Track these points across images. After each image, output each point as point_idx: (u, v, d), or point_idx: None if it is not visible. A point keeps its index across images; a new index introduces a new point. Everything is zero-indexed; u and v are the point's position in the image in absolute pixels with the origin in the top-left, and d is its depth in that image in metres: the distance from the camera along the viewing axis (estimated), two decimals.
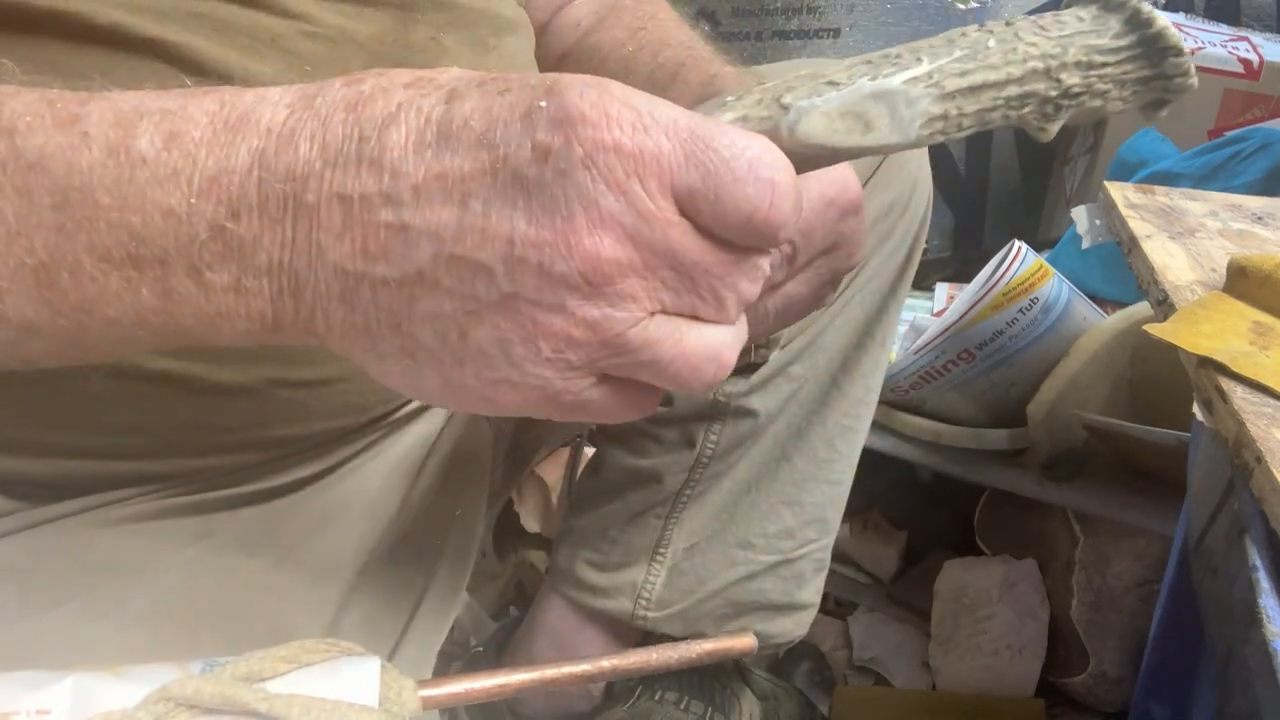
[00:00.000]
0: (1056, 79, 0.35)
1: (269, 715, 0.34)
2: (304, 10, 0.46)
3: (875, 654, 1.09)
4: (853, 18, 1.46)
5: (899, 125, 0.34)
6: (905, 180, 0.73)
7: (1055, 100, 0.36)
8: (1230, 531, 0.51)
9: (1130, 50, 0.36)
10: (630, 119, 0.30)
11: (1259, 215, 0.76)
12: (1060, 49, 0.35)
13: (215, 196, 0.31)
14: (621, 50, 0.63)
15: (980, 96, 0.35)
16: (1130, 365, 0.99)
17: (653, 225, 0.30)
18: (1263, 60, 1.32)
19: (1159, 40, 0.36)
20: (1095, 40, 0.36)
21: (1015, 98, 0.35)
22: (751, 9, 1.43)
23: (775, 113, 0.33)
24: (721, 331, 0.33)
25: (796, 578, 0.82)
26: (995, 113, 0.35)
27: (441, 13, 0.51)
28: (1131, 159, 1.21)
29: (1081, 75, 0.35)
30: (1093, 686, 0.97)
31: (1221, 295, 0.61)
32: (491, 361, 0.31)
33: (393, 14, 0.49)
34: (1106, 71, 0.36)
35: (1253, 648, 0.44)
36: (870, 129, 0.34)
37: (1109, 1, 0.37)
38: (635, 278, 0.30)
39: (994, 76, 0.35)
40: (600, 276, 0.30)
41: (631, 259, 0.30)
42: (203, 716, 0.34)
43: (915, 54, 0.35)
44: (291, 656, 0.36)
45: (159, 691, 0.34)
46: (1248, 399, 0.51)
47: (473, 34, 0.53)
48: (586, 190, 0.29)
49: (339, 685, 0.36)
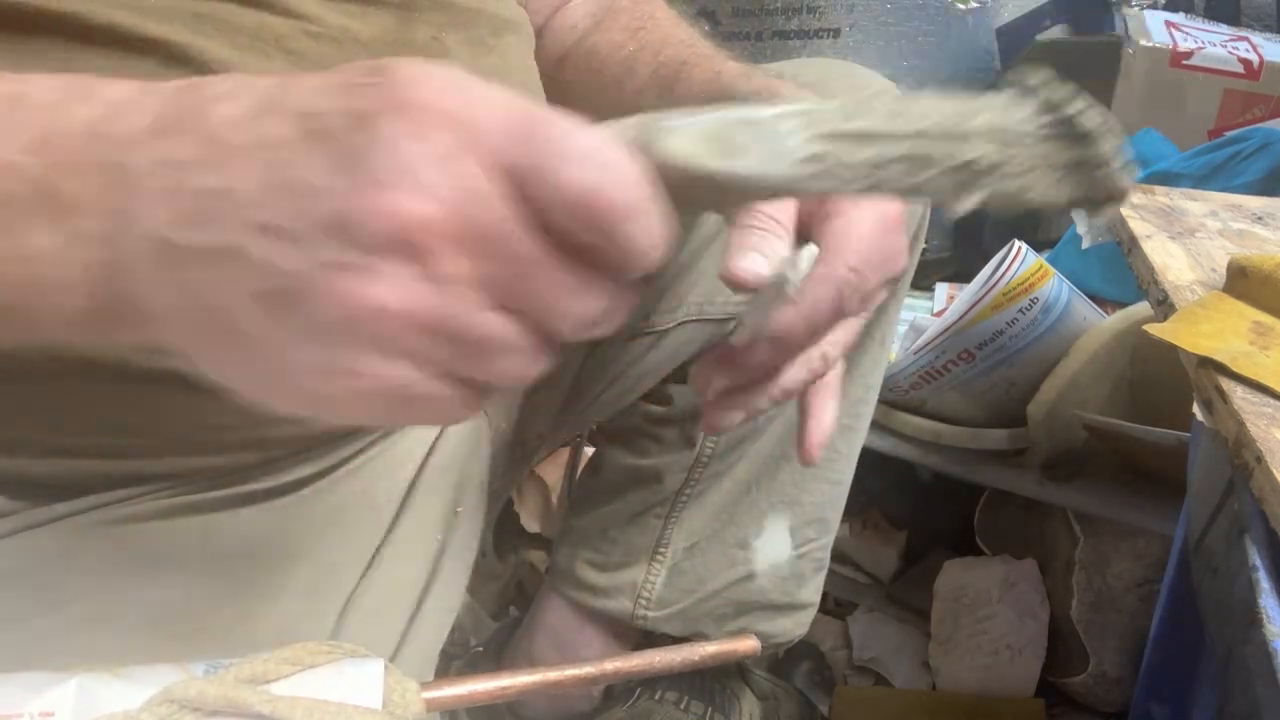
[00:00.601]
0: (960, 145, 0.33)
1: (272, 717, 0.34)
2: (307, 10, 0.47)
3: (875, 654, 1.09)
4: (853, 18, 1.46)
5: (766, 156, 0.31)
6: None
7: (961, 170, 0.33)
8: (1230, 531, 0.51)
9: (1047, 130, 0.33)
10: (464, 97, 0.28)
11: (1259, 215, 0.76)
12: (960, 119, 0.33)
13: (44, 155, 0.31)
14: (621, 51, 0.63)
15: (865, 147, 0.32)
16: (1130, 365, 0.99)
17: (481, 203, 0.27)
18: (1263, 60, 1.32)
19: (1080, 123, 0.33)
20: (1006, 120, 0.33)
21: (908, 157, 0.32)
22: (751, 9, 1.43)
23: (645, 131, 0.32)
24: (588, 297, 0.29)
25: (796, 578, 0.82)
26: (889, 170, 0.33)
27: (441, 13, 0.51)
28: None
29: (994, 149, 0.33)
30: (1093, 686, 0.97)
31: (1221, 295, 0.61)
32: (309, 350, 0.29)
33: (394, 14, 0.50)
34: (1022, 151, 0.33)
35: (1253, 648, 0.44)
36: (735, 154, 0.31)
37: (1033, 89, 0.34)
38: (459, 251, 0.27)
39: (880, 127, 0.32)
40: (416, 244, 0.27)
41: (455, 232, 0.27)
42: (206, 718, 0.34)
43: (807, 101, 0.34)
44: (295, 658, 0.36)
45: (162, 693, 0.34)
46: (1248, 399, 0.51)
47: (472, 34, 0.53)
48: (406, 155, 0.27)
49: (343, 687, 0.36)
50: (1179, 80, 1.33)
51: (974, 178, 0.33)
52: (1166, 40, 1.34)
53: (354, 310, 0.27)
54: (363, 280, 0.27)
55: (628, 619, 0.81)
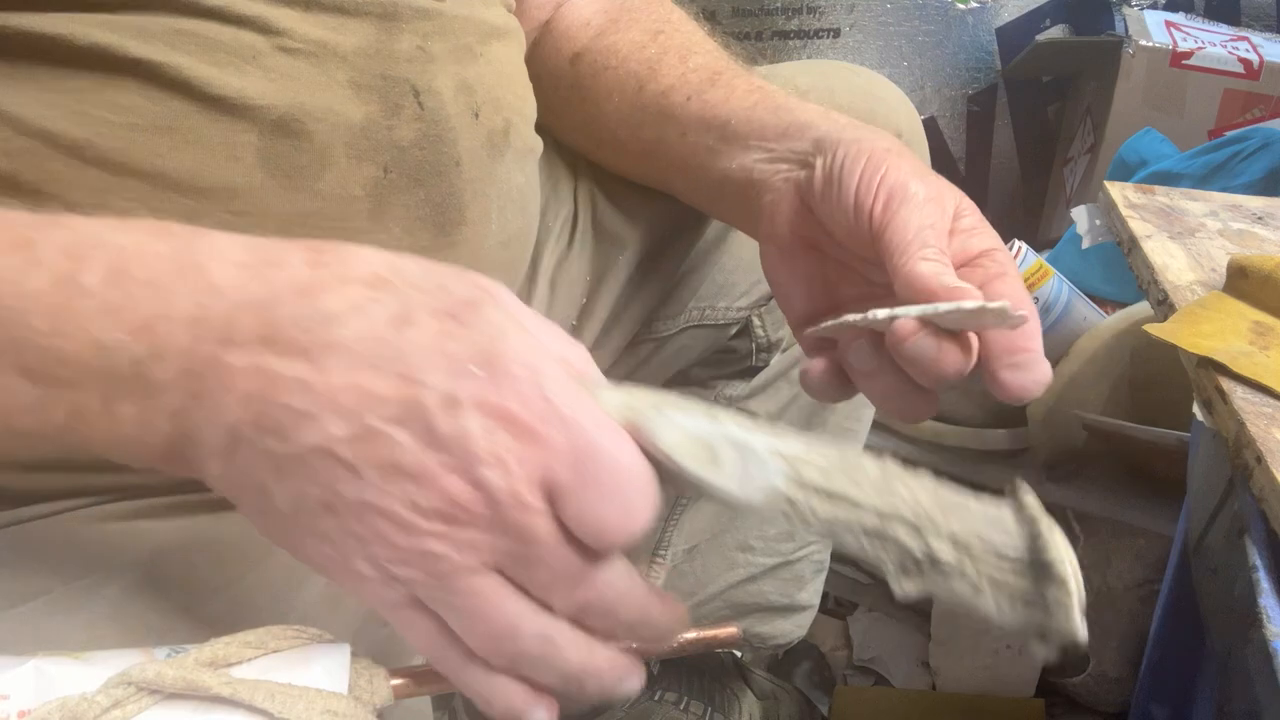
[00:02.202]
0: (924, 539, 0.33)
1: (232, 700, 0.33)
2: (285, 25, 0.46)
3: (875, 654, 1.09)
4: (853, 18, 1.46)
5: (744, 479, 0.34)
6: None
7: (917, 560, 0.34)
8: (1230, 531, 0.51)
9: (1016, 560, 0.33)
10: (542, 411, 0.32)
11: (1259, 215, 0.76)
12: (940, 516, 0.34)
13: (146, 338, 0.33)
14: (643, 52, 0.62)
15: (835, 506, 0.34)
16: (1130, 365, 0.99)
17: (517, 508, 0.33)
18: (1263, 60, 1.32)
19: (1048, 568, 0.33)
20: (982, 529, 0.34)
21: (873, 531, 0.34)
22: (751, 9, 1.43)
23: (650, 415, 0.34)
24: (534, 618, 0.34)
25: (796, 579, 0.82)
26: (850, 535, 0.34)
27: (426, 21, 0.50)
28: (1131, 159, 1.21)
29: (954, 553, 0.33)
30: (1093, 686, 0.97)
31: (1221, 295, 0.61)
32: (329, 544, 0.34)
33: (375, 24, 0.49)
34: (982, 567, 0.33)
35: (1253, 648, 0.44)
36: (716, 466, 0.34)
37: (1022, 512, 0.34)
38: (483, 534, 0.33)
39: (854, 493, 0.34)
40: (454, 519, 0.32)
41: (488, 519, 0.33)
42: (165, 702, 0.33)
43: (802, 439, 0.35)
44: (258, 642, 0.36)
45: (120, 675, 0.33)
46: (1248, 399, 0.51)
47: (459, 42, 0.52)
48: (475, 452, 0.32)
49: (308, 673, 0.35)
50: (1179, 80, 1.33)
51: (928, 570, 0.34)
52: (1166, 40, 1.34)
53: (378, 538, 0.33)
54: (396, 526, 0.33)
55: None
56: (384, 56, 0.49)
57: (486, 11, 0.55)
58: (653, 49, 0.62)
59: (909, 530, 0.34)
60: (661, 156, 0.62)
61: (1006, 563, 0.34)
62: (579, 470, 0.33)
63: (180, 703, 0.34)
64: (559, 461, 0.33)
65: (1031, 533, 0.33)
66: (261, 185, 0.46)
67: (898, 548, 0.34)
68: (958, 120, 1.55)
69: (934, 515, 0.34)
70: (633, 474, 0.33)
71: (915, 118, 0.73)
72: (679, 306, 0.72)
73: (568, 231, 0.68)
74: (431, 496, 0.32)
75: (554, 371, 0.33)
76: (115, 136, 0.43)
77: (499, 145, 0.54)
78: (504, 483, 0.32)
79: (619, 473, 0.33)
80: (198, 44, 0.44)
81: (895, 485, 0.34)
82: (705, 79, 0.60)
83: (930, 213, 0.48)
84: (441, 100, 0.50)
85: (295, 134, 0.46)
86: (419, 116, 0.49)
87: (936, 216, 0.48)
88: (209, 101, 0.44)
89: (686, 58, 0.61)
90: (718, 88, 0.59)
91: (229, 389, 0.33)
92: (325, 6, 0.47)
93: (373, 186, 0.48)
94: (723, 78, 0.60)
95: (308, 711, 0.34)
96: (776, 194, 0.54)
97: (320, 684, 0.35)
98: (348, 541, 0.33)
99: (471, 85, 0.52)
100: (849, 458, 0.35)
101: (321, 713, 0.34)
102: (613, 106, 0.63)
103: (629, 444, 0.34)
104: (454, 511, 0.32)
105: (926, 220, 0.47)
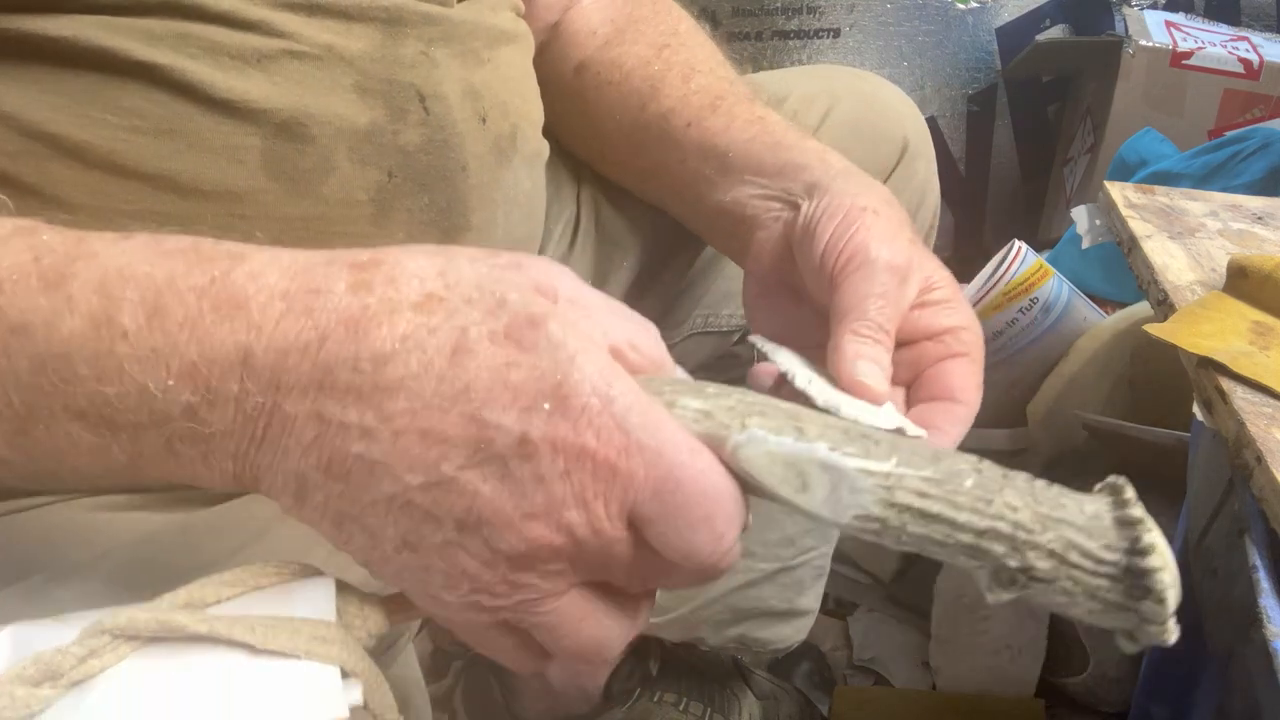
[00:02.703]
0: (1021, 554, 0.32)
1: (211, 636, 0.32)
2: (292, 29, 0.46)
3: (875, 654, 1.09)
4: (853, 18, 1.46)
5: (833, 504, 0.33)
6: (913, 193, 0.72)
7: (1013, 572, 0.33)
8: (1230, 531, 0.51)
9: (1112, 570, 0.32)
10: (620, 443, 0.31)
11: (1259, 215, 0.76)
12: (1039, 528, 0.32)
13: (193, 383, 0.32)
14: (647, 68, 0.62)
15: (931, 526, 0.33)
16: (1130, 365, 0.99)
17: (601, 540, 0.32)
18: (1263, 60, 1.32)
19: (1146, 579, 0.32)
20: (1081, 540, 0.33)
21: (968, 547, 0.33)
22: (751, 9, 1.43)
23: (733, 429, 0.33)
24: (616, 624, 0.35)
25: (796, 585, 0.82)
26: (943, 550, 0.33)
27: (431, 26, 0.50)
28: (1131, 159, 1.21)
29: (1052, 565, 0.32)
30: (1093, 686, 0.97)
31: (1221, 295, 0.61)
32: (412, 577, 0.34)
33: (380, 29, 0.49)
34: (1079, 575, 0.33)
35: (1253, 648, 0.44)
36: (805, 490, 0.33)
37: (1124, 515, 0.33)
38: (567, 565, 0.33)
39: (953, 515, 0.33)
40: (538, 558, 0.32)
41: (571, 553, 0.32)
42: (144, 648, 0.32)
43: (892, 448, 0.33)
44: (236, 580, 0.34)
45: (93, 625, 0.32)
46: (1248, 399, 0.51)
47: (465, 47, 0.52)
48: (555, 495, 0.31)
49: (291, 607, 0.34)
50: (1179, 80, 1.33)
51: (1025, 580, 0.33)
52: (1166, 40, 1.34)
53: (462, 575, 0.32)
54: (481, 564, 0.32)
55: None
56: (389, 61, 0.49)
57: (494, 16, 0.55)
58: (657, 65, 0.62)
59: (1006, 546, 0.33)
60: (661, 179, 0.61)
61: (1104, 568, 0.33)
62: (663, 501, 0.32)
63: (159, 647, 0.33)
64: (641, 494, 0.32)
65: (1131, 537, 0.33)
66: (265, 189, 0.46)
67: (992, 561, 0.33)
68: (958, 120, 1.55)
69: (1032, 528, 0.33)
70: (719, 497, 0.32)
71: (922, 125, 0.73)
72: (684, 314, 0.72)
73: (569, 234, 0.67)
74: (515, 541, 0.32)
75: (627, 394, 0.32)
76: (117, 139, 0.43)
77: (506, 150, 0.54)
78: (588, 524, 0.32)
79: (705, 499, 0.32)
80: (203, 47, 0.44)
81: (993, 499, 0.33)
82: (707, 103, 0.59)
83: (883, 281, 0.46)
84: (448, 105, 0.50)
85: (299, 138, 0.46)
86: (424, 122, 0.49)
87: (891, 285, 0.46)
88: (213, 105, 0.44)
89: (690, 77, 0.61)
90: (719, 114, 0.58)
91: (289, 435, 0.32)
92: (330, 11, 0.47)
93: (377, 191, 0.48)
94: (724, 103, 0.59)
95: (293, 640, 0.33)
96: (767, 232, 0.54)
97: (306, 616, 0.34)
98: (430, 575, 0.33)
99: (479, 90, 0.52)
100: (944, 467, 0.33)
101: (309, 639, 0.33)
102: (614, 124, 0.63)
103: (712, 463, 0.33)
104: (538, 552, 0.32)
105: (877, 288, 0.46)
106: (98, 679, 0.32)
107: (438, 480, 0.31)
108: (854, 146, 0.70)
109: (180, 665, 0.32)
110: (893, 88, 0.74)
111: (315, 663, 0.33)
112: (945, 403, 0.48)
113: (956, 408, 0.48)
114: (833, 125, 0.70)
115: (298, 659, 0.33)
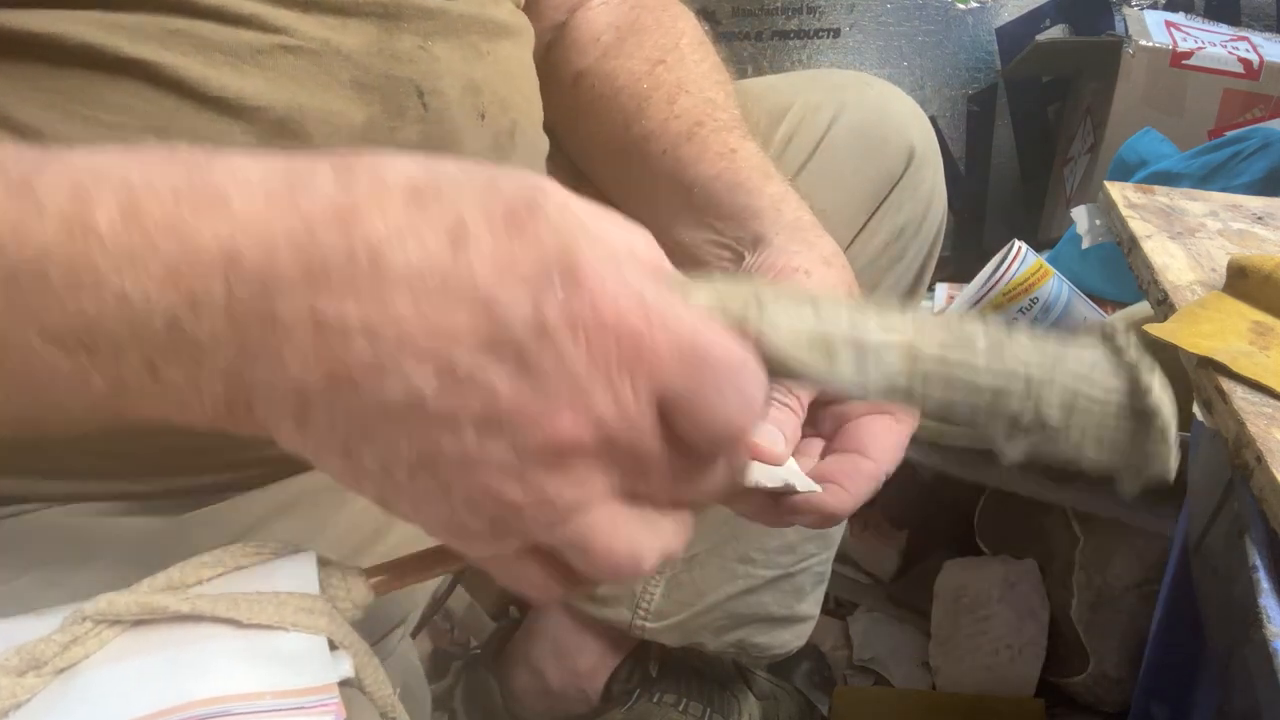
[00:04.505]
0: (1035, 403, 0.34)
1: (194, 615, 0.32)
2: (285, 24, 0.45)
3: (875, 654, 1.09)
4: (853, 18, 1.46)
5: (860, 374, 0.33)
6: (919, 201, 0.72)
7: (1025, 426, 0.34)
8: (1230, 531, 0.51)
9: (1117, 405, 0.34)
10: (640, 314, 0.29)
11: (1259, 215, 0.76)
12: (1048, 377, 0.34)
13: (175, 288, 0.29)
14: (637, 85, 0.62)
15: (953, 389, 0.34)
16: None
17: (630, 427, 0.30)
18: (1263, 60, 1.32)
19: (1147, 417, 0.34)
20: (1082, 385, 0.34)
21: (988, 405, 0.34)
22: (751, 9, 1.43)
23: (752, 314, 0.32)
24: (652, 536, 0.32)
25: (796, 591, 0.81)
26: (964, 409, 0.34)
27: (428, 20, 0.50)
28: (1131, 159, 1.21)
29: (1062, 411, 0.34)
30: (1093, 686, 0.97)
31: (1221, 295, 0.61)
32: (431, 505, 0.31)
33: (377, 23, 0.48)
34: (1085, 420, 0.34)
35: (1253, 648, 0.44)
36: (832, 365, 0.33)
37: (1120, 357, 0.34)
38: (596, 464, 0.30)
39: (972, 377, 0.34)
40: (567, 456, 0.30)
41: (599, 449, 0.30)
42: (128, 632, 0.32)
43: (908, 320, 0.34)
44: (216, 561, 0.34)
45: (74, 613, 0.32)
46: (1248, 399, 0.51)
47: (463, 40, 0.51)
48: (579, 378, 0.29)
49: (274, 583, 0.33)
50: (1179, 80, 1.33)
51: (1034, 432, 0.34)
52: (1166, 40, 1.34)
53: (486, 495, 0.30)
54: (507, 477, 0.29)
55: (625, 628, 0.81)
56: (387, 56, 0.48)
57: (494, 9, 0.54)
58: (646, 83, 0.62)
59: (1021, 399, 0.34)
60: (638, 201, 0.62)
61: (1109, 410, 0.34)
62: (691, 374, 0.30)
63: (143, 630, 0.32)
64: (668, 368, 0.29)
65: (1130, 378, 0.34)
66: None
67: (1008, 416, 0.34)
68: (958, 120, 1.55)
69: (1044, 378, 0.34)
70: (745, 365, 0.31)
71: (929, 132, 0.73)
72: None
73: None
74: (540, 437, 0.29)
75: (638, 269, 0.30)
76: (106, 136, 0.43)
77: (505, 146, 0.54)
78: (616, 407, 0.29)
79: (733, 367, 0.30)
80: (194, 44, 0.44)
81: (1004, 352, 0.34)
82: (684, 130, 0.59)
83: None
84: (446, 101, 0.50)
85: (294, 135, 0.46)
86: (423, 118, 0.49)
87: None
88: (205, 102, 0.44)
89: (675, 99, 0.60)
90: (693, 143, 0.58)
91: (284, 342, 0.29)
92: (325, 6, 0.47)
93: None
94: (701, 132, 0.58)
95: (279, 613, 0.32)
96: None
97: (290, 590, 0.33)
98: (453, 500, 0.30)
99: (478, 85, 0.52)
100: (958, 330, 0.34)
101: (295, 611, 0.32)
102: (603, 140, 0.63)
103: (730, 335, 0.31)
104: (566, 448, 0.29)
105: None
106: (82, 665, 0.32)
107: (450, 379, 0.28)
108: (860, 154, 0.70)
109: (166, 644, 0.32)
110: (900, 95, 0.74)
111: (302, 633, 0.33)
112: (853, 456, 0.48)
113: (863, 463, 0.47)
114: (839, 133, 0.70)
115: (285, 631, 0.32)
